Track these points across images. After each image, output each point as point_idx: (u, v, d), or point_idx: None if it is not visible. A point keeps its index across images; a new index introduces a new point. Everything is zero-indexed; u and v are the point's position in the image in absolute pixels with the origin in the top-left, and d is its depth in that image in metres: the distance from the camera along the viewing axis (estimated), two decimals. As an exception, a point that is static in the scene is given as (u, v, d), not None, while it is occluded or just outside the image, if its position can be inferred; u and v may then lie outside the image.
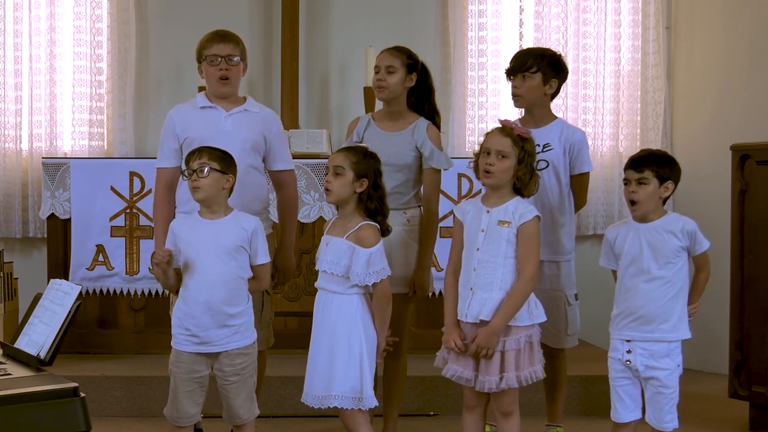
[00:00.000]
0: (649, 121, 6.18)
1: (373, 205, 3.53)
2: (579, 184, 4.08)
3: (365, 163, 3.53)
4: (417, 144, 3.93)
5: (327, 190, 3.54)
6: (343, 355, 3.47)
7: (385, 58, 3.97)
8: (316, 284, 3.60)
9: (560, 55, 4.12)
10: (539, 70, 3.97)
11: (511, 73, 4.02)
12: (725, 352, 4.71)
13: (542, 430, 4.21)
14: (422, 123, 3.97)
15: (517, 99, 4.02)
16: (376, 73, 3.97)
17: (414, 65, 3.99)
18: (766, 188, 4.46)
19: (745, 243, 4.54)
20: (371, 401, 3.47)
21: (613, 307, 3.61)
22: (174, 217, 3.93)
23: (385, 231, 3.57)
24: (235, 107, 3.99)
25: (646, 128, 6.18)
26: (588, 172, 4.09)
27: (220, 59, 3.93)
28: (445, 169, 4.00)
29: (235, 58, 3.95)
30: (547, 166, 3.96)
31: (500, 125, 3.58)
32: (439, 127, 4.04)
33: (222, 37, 3.98)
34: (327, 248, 3.54)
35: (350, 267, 3.47)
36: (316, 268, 3.60)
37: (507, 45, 6.01)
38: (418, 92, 4.02)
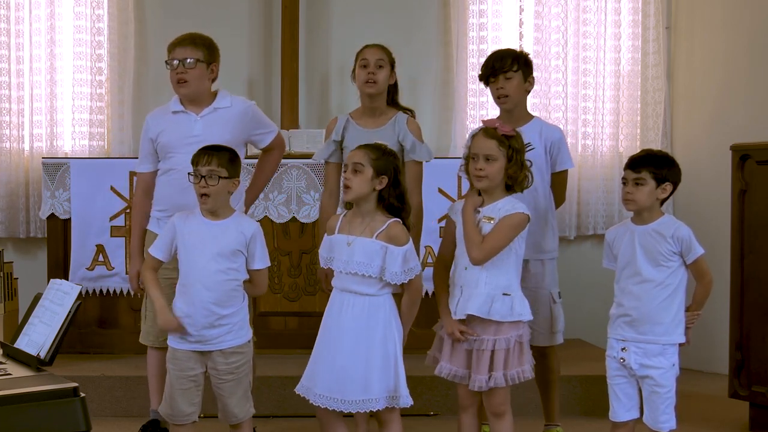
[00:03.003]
0: (649, 121, 6.18)
1: (395, 202, 3.48)
2: (559, 181, 4.11)
3: (385, 159, 3.48)
4: (399, 138, 3.94)
5: (346, 187, 3.47)
6: (379, 357, 3.41)
7: (376, 52, 3.99)
8: (334, 284, 3.52)
9: (527, 54, 4.16)
10: (519, 68, 4.01)
11: (491, 75, 4.03)
12: (725, 352, 4.71)
13: (541, 430, 4.21)
14: (401, 116, 3.99)
15: (505, 100, 4.04)
16: (365, 67, 3.97)
17: (393, 63, 4.03)
18: (766, 188, 4.46)
19: (745, 243, 4.54)
20: (407, 400, 3.44)
21: (612, 306, 3.63)
22: (148, 221, 4.06)
23: (407, 227, 3.52)
24: (206, 108, 4.01)
25: (646, 128, 6.18)
26: (567, 170, 4.11)
27: (177, 63, 3.97)
28: (426, 161, 4.00)
29: (189, 61, 3.95)
30: (531, 165, 3.97)
31: (483, 126, 3.58)
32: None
33: (180, 41, 4.02)
34: (351, 249, 3.43)
35: (384, 267, 3.40)
36: (333, 267, 3.51)
37: (507, 45, 5.98)
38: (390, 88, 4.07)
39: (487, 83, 4.08)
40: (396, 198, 3.48)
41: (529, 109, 4.23)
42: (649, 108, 6.18)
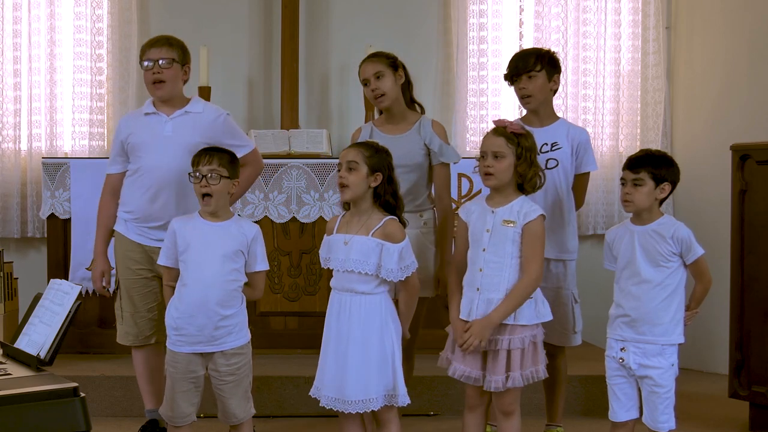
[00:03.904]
0: (649, 121, 6.18)
1: (391, 200, 3.48)
2: (582, 183, 4.09)
3: (378, 157, 3.48)
4: (425, 141, 3.93)
5: (343, 186, 3.45)
6: (376, 356, 3.41)
7: (370, 67, 3.95)
8: (333, 284, 3.52)
9: (554, 52, 4.13)
10: (543, 67, 3.98)
11: (514, 75, 4.01)
12: (725, 352, 4.71)
13: (542, 430, 4.21)
14: (426, 119, 3.98)
15: (528, 100, 4.00)
16: (366, 85, 3.96)
17: (396, 62, 3.98)
18: (766, 188, 4.46)
19: (745, 243, 4.54)
20: (405, 399, 3.44)
21: (611, 307, 3.63)
22: (113, 221, 4.09)
23: (402, 224, 3.52)
24: (177, 110, 4.02)
25: (646, 128, 6.18)
26: (589, 172, 4.10)
27: (152, 63, 3.97)
28: (454, 163, 3.99)
29: (164, 61, 3.96)
30: (557, 164, 3.96)
31: (494, 126, 3.59)
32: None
33: (155, 41, 4.03)
34: (348, 247, 3.43)
35: (380, 264, 3.40)
36: (330, 266, 3.51)
37: (507, 45, 6.02)
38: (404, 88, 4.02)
39: (511, 83, 4.05)
40: (391, 195, 3.49)
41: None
42: (649, 108, 6.18)
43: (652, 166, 3.51)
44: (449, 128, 5.99)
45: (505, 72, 4.08)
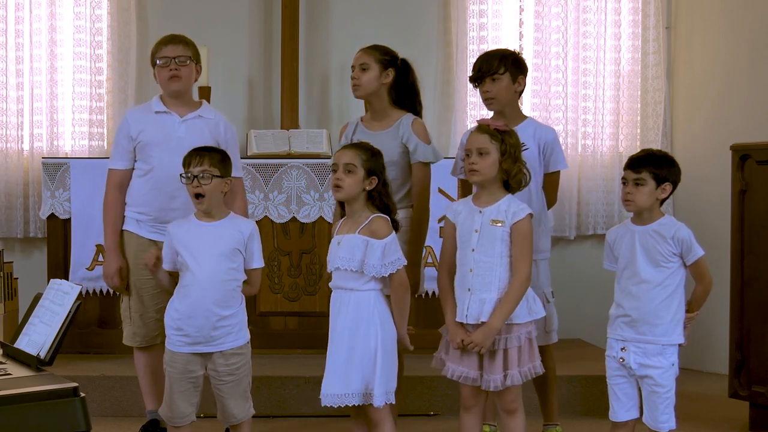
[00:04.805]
0: (649, 121, 6.18)
1: (383, 201, 3.51)
2: (552, 182, 4.09)
3: (374, 160, 3.51)
4: (403, 140, 3.92)
5: (337, 186, 3.49)
6: (359, 353, 3.44)
7: (359, 57, 3.99)
8: (330, 284, 3.56)
9: (520, 52, 4.12)
10: (506, 70, 3.98)
11: (478, 78, 4.01)
12: (725, 352, 4.71)
13: (540, 430, 4.21)
14: (407, 118, 3.97)
15: (491, 102, 4.01)
16: (352, 72, 3.98)
17: (391, 61, 3.98)
18: (766, 188, 4.46)
19: (745, 243, 4.54)
20: (380, 400, 3.44)
21: (612, 306, 3.63)
22: (123, 219, 4.04)
23: (396, 228, 3.54)
24: (190, 113, 4.04)
25: (646, 128, 6.18)
26: (559, 171, 4.09)
27: (170, 60, 4.00)
28: (432, 162, 3.99)
29: (183, 59, 4.02)
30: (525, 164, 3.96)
31: (477, 125, 3.59)
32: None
33: (171, 39, 4.07)
34: (339, 246, 3.49)
35: (364, 261, 3.43)
36: (329, 269, 3.56)
37: (507, 45, 6.00)
38: (400, 89, 4.01)
39: (476, 86, 4.06)
40: (386, 196, 3.52)
41: (529, 109, 4.21)
42: (649, 108, 6.18)
43: (653, 166, 3.51)
44: (449, 128, 6.00)
45: (470, 74, 4.08)
